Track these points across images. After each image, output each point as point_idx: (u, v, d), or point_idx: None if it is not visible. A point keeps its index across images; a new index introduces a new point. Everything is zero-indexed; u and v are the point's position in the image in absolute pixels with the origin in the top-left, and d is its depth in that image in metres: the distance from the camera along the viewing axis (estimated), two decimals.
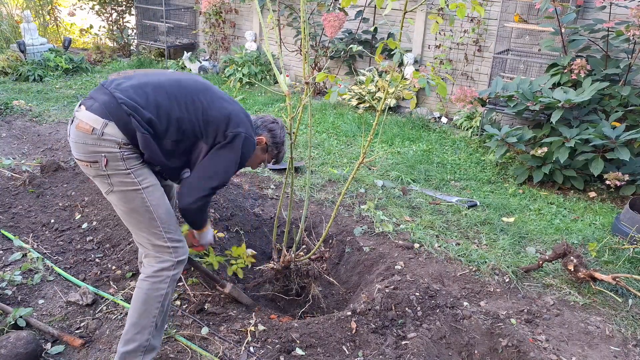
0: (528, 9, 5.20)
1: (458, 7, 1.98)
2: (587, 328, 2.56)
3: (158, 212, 2.02)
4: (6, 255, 2.85)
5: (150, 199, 2.01)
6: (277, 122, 2.35)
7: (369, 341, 2.28)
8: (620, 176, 3.86)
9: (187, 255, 2.12)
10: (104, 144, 1.92)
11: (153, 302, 2.02)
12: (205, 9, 6.99)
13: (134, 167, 1.97)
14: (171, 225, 2.06)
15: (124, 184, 1.98)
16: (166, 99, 2.00)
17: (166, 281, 2.03)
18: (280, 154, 2.38)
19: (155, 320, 2.04)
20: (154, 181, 2.05)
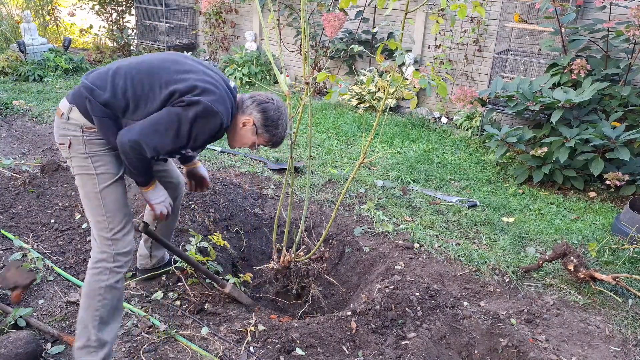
0: (528, 9, 5.20)
1: (459, 7, 1.98)
2: (587, 328, 2.56)
3: (105, 200, 2.02)
4: (6, 255, 2.85)
5: (102, 185, 2.02)
6: (273, 101, 2.10)
7: (369, 341, 2.28)
8: (620, 176, 3.86)
9: (128, 250, 2.06)
10: (70, 127, 2.01)
11: (94, 295, 2.01)
12: (205, 9, 7.00)
13: (94, 152, 2.02)
14: (116, 217, 2.03)
15: (81, 167, 2.04)
16: (126, 79, 1.97)
17: (105, 273, 2.01)
18: (276, 137, 2.14)
19: (98, 314, 2.00)
20: (112, 170, 2.04)
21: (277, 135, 2.13)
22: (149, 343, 2.26)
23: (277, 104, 2.11)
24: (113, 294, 2.03)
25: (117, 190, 2.06)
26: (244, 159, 4.52)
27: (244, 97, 2.12)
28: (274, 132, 2.12)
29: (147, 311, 2.44)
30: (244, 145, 2.16)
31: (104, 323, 2.03)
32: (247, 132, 2.11)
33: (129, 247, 2.07)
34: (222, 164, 4.34)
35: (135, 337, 2.29)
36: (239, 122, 2.09)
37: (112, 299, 2.04)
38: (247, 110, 2.09)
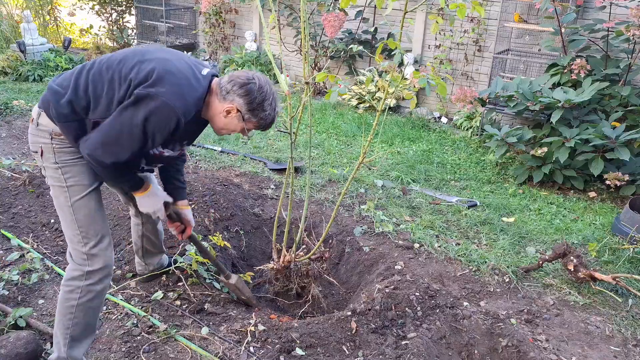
0: (528, 8, 5.20)
1: (458, 7, 1.98)
2: (587, 328, 2.56)
3: (78, 214, 1.92)
4: (6, 255, 2.85)
5: (73, 199, 1.92)
6: (254, 82, 1.86)
7: (369, 341, 2.28)
8: (620, 176, 3.86)
9: (103, 266, 1.95)
10: (40, 134, 1.92)
11: (64, 311, 1.95)
12: (205, 9, 6.99)
13: (63, 161, 1.91)
14: (90, 231, 1.93)
15: (53, 178, 1.95)
16: (87, 76, 1.85)
17: (76, 291, 1.92)
18: (265, 119, 1.92)
19: (69, 332, 1.95)
20: (84, 181, 1.93)
21: (266, 117, 1.92)
22: (149, 343, 2.25)
23: (259, 83, 1.87)
24: (85, 312, 1.96)
25: (90, 203, 1.95)
26: (244, 159, 4.52)
27: (222, 82, 1.88)
28: (262, 115, 1.90)
29: (147, 311, 2.44)
30: (233, 132, 1.98)
31: (76, 340, 1.99)
32: (233, 120, 1.91)
33: (105, 263, 1.96)
34: (222, 164, 4.34)
35: (135, 337, 2.29)
36: (221, 110, 1.89)
37: (85, 316, 1.97)
38: (228, 96, 1.87)
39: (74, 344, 1.99)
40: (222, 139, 4.95)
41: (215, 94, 1.90)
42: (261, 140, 5.01)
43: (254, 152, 4.70)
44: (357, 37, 6.32)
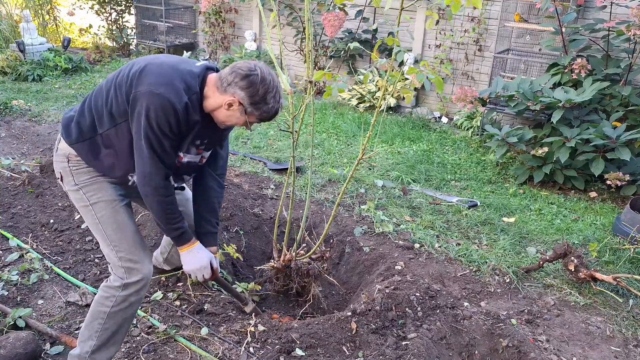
0: (528, 8, 5.19)
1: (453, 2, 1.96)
2: (587, 328, 2.55)
3: (107, 230, 1.93)
4: (5, 255, 2.85)
5: (99, 215, 1.93)
6: (256, 73, 1.79)
7: (369, 341, 2.27)
8: (621, 176, 3.85)
9: (141, 278, 1.93)
10: (59, 159, 1.96)
11: (96, 316, 1.96)
12: (205, 9, 6.98)
13: (82, 182, 1.93)
14: (123, 244, 1.93)
15: (77, 200, 1.96)
16: (91, 94, 1.92)
17: (112, 300, 1.93)
18: (268, 112, 1.86)
19: (98, 335, 1.95)
20: (106, 197, 1.94)
21: (269, 110, 1.86)
22: (149, 343, 2.25)
23: (261, 74, 1.80)
24: (116, 321, 1.97)
25: (117, 217, 1.95)
26: (244, 159, 4.51)
27: (222, 73, 1.82)
28: (265, 108, 1.84)
29: (146, 311, 2.43)
30: (235, 125, 1.94)
31: (102, 345, 1.99)
32: (235, 113, 1.85)
33: (143, 275, 1.94)
34: None
35: (135, 338, 2.28)
36: (222, 103, 1.83)
37: (114, 324, 1.97)
38: (229, 88, 1.80)
39: (99, 349, 1.99)
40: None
41: (215, 86, 1.84)
42: (261, 140, 5.00)
43: (254, 152, 4.69)
44: (357, 36, 6.32)
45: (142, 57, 1.95)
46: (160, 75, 1.76)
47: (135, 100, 1.75)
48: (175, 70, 1.80)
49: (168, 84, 1.75)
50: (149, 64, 1.81)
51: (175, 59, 1.89)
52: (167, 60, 1.85)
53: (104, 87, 1.88)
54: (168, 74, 1.78)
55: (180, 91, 1.77)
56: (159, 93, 1.72)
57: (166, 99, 1.73)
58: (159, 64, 1.81)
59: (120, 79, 1.83)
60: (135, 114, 1.76)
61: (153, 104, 1.72)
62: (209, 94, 1.86)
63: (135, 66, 1.82)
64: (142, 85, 1.75)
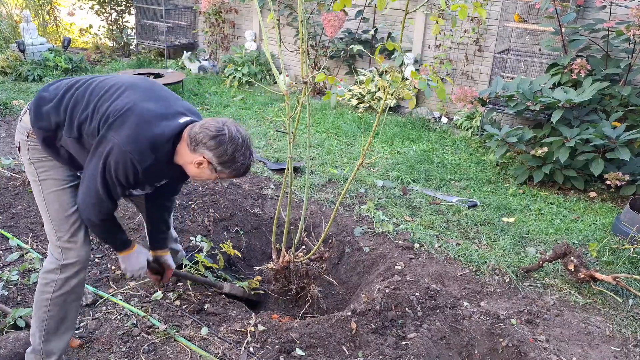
0: (528, 8, 5.19)
1: (460, 8, 1.97)
2: (587, 328, 2.55)
3: (50, 208, 1.97)
4: (6, 255, 2.85)
5: (45, 192, 1.97)
6: (224, 133, 1.79)
7: (369, 341, 2.27)
8: (620, 176, 3.85)
9: (78, 260, 1.97)
10: (21, 130, 2.00)
11: (40, 305, 1.98)
12: (205, 9, 6.98)
13: (36, 158, 1.98)
14: (63, 225, 1.96)
15: (29, 173, 2.02)
16: (72, 94, 1.90)
17: (51, 285, 1.95)
18: (237, 171, 1.88)
19: (45, 324, 1.97)
20: (55, 175, 1.98)
21: (239, 168, 1.87)
22: (149, 343, 2.25)
23: (230, 134, 1.80)
24: (61, 306, 1.98)
25: (63, 198, 1.98)
26: None
27: (192, 132, 1.82)
28: (234, 166, 1.85)
29: (146, 311, 2.43)
30: (207, 180, 1.98)
31: (51, 334, 2.00)
32: (205, 170, 1.87)
33: (79, 257, 1.98)
34: None
35: (135, 337, 2.28)
36: (193, 161, 1.84)
37: (60, 310, 1.99)
38: (198, 148, 1.81)
39: (49, 338, 2.00)
40: None
41: (187, 143, 1.84)
42: (261, 140, 5.00)
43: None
44: (357, 37, 6.32)
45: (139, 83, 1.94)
46: (136, 129, 1.77)
47: (102, 141, 1.79)
48: (152, 128, 1.79)
49: (138, 143, 1.76)
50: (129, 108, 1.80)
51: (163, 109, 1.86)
52: (152, 110, 1.83)
53: (87, 98, 1.87)
54: (143, 131, 1.77)
55: (146, 154, 1.78)
56: (125, 150, 1.75)
57: (129, 158, 1.76)
58: (138, 113, 1.80)
59: (103, 102, 1.83)
60: (98, 152, 1.80)
61: (116, 157, 1.76)
62: (181, 150, 1.87)
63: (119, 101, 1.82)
64: (115, 130, 1.77)
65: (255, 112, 5.88)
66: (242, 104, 6.16)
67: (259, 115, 5.78)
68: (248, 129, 5.30)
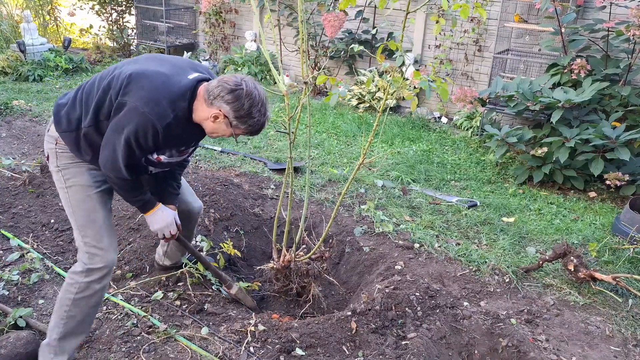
0: (528, 9, 5.20)
1: (461, 7, 1.98)
2: (587, 328, 2.56)
3: (76, 214, 2.01)
4: (6, 255, 2.85)
5: (72, 199, 2.01)
6: (241, 88, 1.82)
7: (369, 341, 2.28)
8: (620, 176, 3.85)
9: (104, 265, 1.98)
10: (49, 140, 2.05)
11: (62, 303, 2.00)
12: (205, 9, 6.99)
13: (63, 164, 2.02)
14: (89, 230, 1.99)
15: (57, 180, 2.06)
16: (84, 87, 1.97)
17: (75, 286, 1.97)
18: (253, 126, 1.90)
19: (64, 322, 1.99)
20: (82, 182, 2.01)
21: (254, 124, 1.89)
22: (149, 343, 2.25)
23: (247, 89, 1.83)
24: (81, 308, 2.00)
25: (89, 204, 2.01)
26: (244, 159, 4.52)
27: (210, 86, 1.86)
28: (250, 122, 1.88)
29: (147, 311, 2.44)
30: (223, 136, 1.98)
31: (69, 333, 2.03)
32: (221, 125, 1.89)
33: (104, 263, 2.00)
34: (222, 164, 4.34)
35: (135, 337, 2.29)
36: (209, 116, 1.87)
37: (80, 313, 2.01)
38: (215, 102, 1.84)
39: (66, 336, 2.03)
40: (223, 139, 4.95)
41: (203, 98, 1.87)
42: (261, 140, 5.01)
43: (254, 152, 4.70)
44: (357, 37, 6.32)
45: (142, 55, 2.01)
46: (150, 91, 1.79)
47: (120, 108, 1.81)
48: (165, 86, 1.82)
49: (154, 103, 1.77)
50: (144, 71, 1.84)
51: (169, 69, 1.89)
52: (161, 71, 1.86)
53: (97, 83, 1.93)
54: (157, 90, 1.80)
55: (164, 112, 1.79)
56: (143, 112, 1.76)
57: (149, 120, 1.77)
58: (151, 75, 1.83)
59: (113, 79, 1.87)
60: (117, 118, 1.82)
61: (135, 120, 1.78)
62: (197, 106, 1.89)
63: (130, 67, 1.87)
64: (129, 96, 1.79)
65: None
66: None
67: None
68: None
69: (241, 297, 2.61)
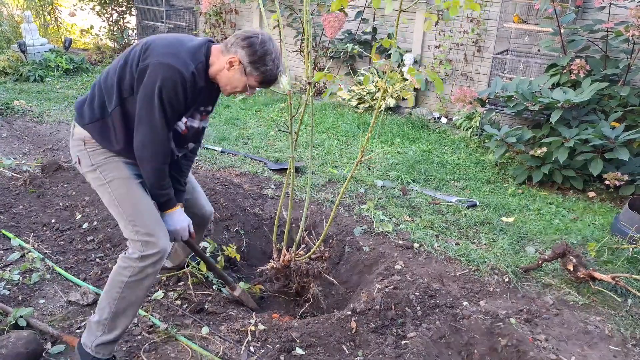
0: (527, 9, 5.21)
1: (451, 5, 1.98)
2: (586, 328, 2.56)
3: (123, 206, 2.02)
4: (7, 255, 2.86)
5: (115, 193, 2.02)
6: (257, 36, 1.93)
7: (369, 341, 2.29)
8: (619, 176, 3.86)
9: (158, 251, 1.99)
10: (75, 144, 2.06)
11: (115, 285, 2.02)
12: (205, 10, 6.99)
13: (99, 162, 2.03)
14: (139, 218, 2.00)
15: (94, 179, 2.06)
16: (100, 78, 2.03)
17: (129, 269, 1.99)
18: (266, 74, 1.97)
19: (116, 303, 2.01)
20: (121, 174, 2.03)
21: (268, 72, 1.97)
22: (149, 342, 2.26)
23: (262, 38, 1.94)
24: (132, 291, 2.02)
25: (134, 193, 2.03)
26: (244, 159, 4.53)
27: (228, 39, 1.99)
28: (263, 69, 1.95)
29: (147, 311, 2.45)
30: (236, 89, 2.03)
31: (120, 313, 2.04)
32: (236, 73, 1.96)
33: (160, 247, 2.00)
34: (222, 164, 4.35)
35: (136, 337, 2.29)
36: (224, 63, 1.96)
37: (131, 294, 2.02)
38: (231, 48, 1.95)
39: (117, 316, 2.04)
40: (223, 139, 4.96)
41: (220, 51, 1.98)
42: (261, 141, 5.02)
43: (254, 152, 4.71)
44: (357, 37, 6.33)
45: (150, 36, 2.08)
46: (168, 47, 1.89)
47: (144, 71, 1.86)
48: (180, 42, 1.94)
49: (176, 55, 1.87)
50: (155, 39, 1.95)
51: (179, 35, 2.03)
52: (173, 35, 2.01)
53: (111, 70, 1.99)
54: (174, 46, 1.91)
55: (187, 61, 1.89)
56: (168, 63, 1.84)
57: (175, 69, 1.85)
58: (164, 37, 1.96)
59: (129, 56, 1.95)
60: (143, 83, 1.87)
61: (162, 74, 1.84)
62: (214, 60, 1.99)
63: (144, 43, 1.95)
64: (150, 57, 1.87)
65: (255, 113, 5.90)
66: (242, 104, 6.17)
67: (259, 116, 5.79)
68: (249, 129, 5.32)
69: (244, 299, 2.62)
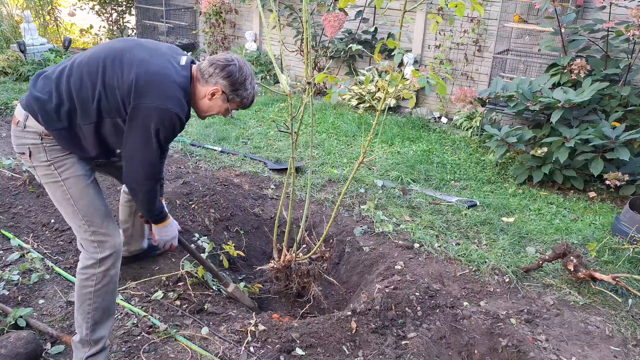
0: (528, 9, 5.20)
1: (457, 6, 1.98)
2: (587, 328, 2.56)
3: (79, 204, 1.99)
4: (6, 255, 2.85)
5: (70, 191, 1.99)
6: (234, 63, 1.99)
7: (369, 341, 2.28)
8: (620, 176, 3.86)
9: (114, 251, 2.00)
10: (28, 136, 1.97)
11: (83, 299, 2.01)
12: (205, 9, 6.99)
13: (55, 158, 1.98)
14: (95, 218, 1.99)
15: (46, 175, 2.01)
16: (68, 80, 1.91)
17: (92, 279, 1.99)
18: (247, 98, 2.06)
19: (91, 315, 2.01)
20: (78, 172, 2.00)
21: (248, 96, 2.06)
22: (149, 343, 2.26)
23: (239, 64, 2.00)
24: (103, 297, 2.02)
25: (89, 191, 2.02)
26: (244, 159, 4.52)
27: (201, 66, 2.00)
28: (244, 94, 2.04)
29: (147, 311, 2.44)
30: (217, 114, 2.09)
31: (98, 323, 2.04)
32: (217, 101, 2.03)
33: (115, 247, 2.01)
34: (222, 164, 4.35)
35: (136, 337, 2.29)
36: (206, 94, 2.01)
37: (103, 300, 2.02)
38: (210, 79, 1.98)
39: (96, 327, 2.04)
40: (223, 139, 4.96)
41: (197, 79, 2.01)
42: (261, 141, 5.01)
43: (254, 152, 4.70)
44: (357, 37, 6.32)
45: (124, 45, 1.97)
46: (163, 89, 1.88)
47: (139, 111, 1.86)
48: (172, 79, 1.91)
49: (172, 98, 1.88)
50: (145, 72, 1.87)
51: (165, 60, 1.95)
52: (161, 67, 1.91)
53: (87, 82, 1.89)
54: (168, 86, 1.89)
55: (182, 102, 1.92)
56: (166, 108, 1.86)
57: (174, 113, 1.88)
58: (156, 72, 1.88)
59: (110, 80, 1.88)
60: (138, 123, 1.87)
61: (161, 118, 1.86)
62: (195, 89, 2.03)
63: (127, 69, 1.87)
64: (145, 98, 1.85)
65: (255, 113, 5.89)
66: None
67: (259, 116, 5.79)
68: (248, 129, 5.31)
69: (238, 295, 2.61)
